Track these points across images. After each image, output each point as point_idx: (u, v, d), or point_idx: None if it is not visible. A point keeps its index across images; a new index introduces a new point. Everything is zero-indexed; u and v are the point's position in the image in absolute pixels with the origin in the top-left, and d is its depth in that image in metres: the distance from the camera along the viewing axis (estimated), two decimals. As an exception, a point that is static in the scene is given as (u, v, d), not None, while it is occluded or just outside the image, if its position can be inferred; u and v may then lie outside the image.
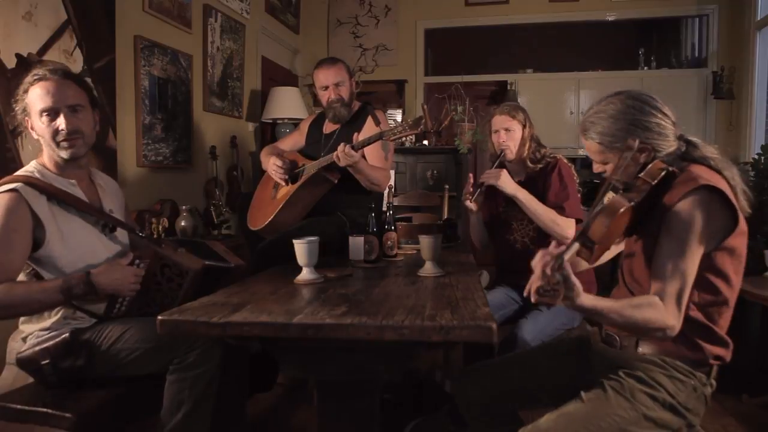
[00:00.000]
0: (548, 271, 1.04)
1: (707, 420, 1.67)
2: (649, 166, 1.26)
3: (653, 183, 1.22)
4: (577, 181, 2.22)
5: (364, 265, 1.90)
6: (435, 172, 4.41)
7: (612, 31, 5.57)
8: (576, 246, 1.12)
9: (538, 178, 2.19)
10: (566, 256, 1.05)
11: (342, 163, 2.12)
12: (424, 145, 4.54)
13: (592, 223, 1.15)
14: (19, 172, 1.57)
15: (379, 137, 2.09)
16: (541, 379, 1.49)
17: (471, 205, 2.16)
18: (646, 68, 5.06)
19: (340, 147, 2.11)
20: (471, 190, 2.13)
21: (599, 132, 1.33)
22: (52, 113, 1.55)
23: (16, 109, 1.59)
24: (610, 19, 5.04)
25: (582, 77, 5.04)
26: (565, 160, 2.22)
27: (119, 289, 1.55)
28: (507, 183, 2.08)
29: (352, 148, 2.10)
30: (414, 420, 2.15)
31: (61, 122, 1.55)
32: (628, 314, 1.15)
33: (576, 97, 5.00)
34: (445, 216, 3.39)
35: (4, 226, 1.43)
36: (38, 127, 1.56)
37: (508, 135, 2.18)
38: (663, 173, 1.24)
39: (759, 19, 4.29)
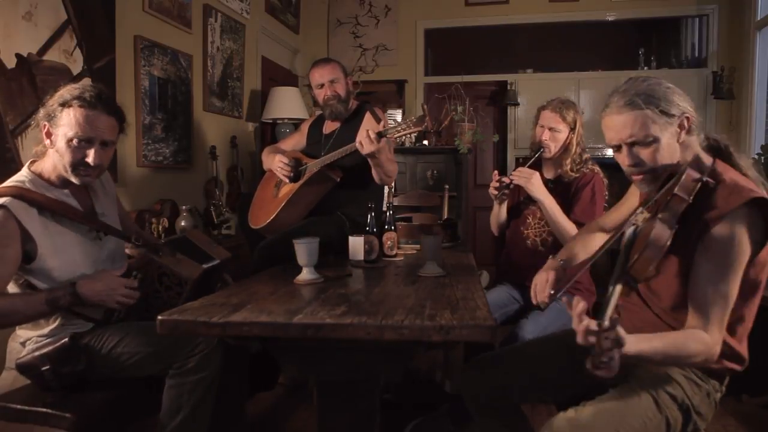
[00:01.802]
0: (598, 334, 0.95)
1: (707, 420, 1.67)
2: (683, 178, 1.14)
3: (689, 199, 1.12)
4: (606, 197, 2.14)
5: (364, 265, 1.90)
6: (435, 172, 4.41)
7: (612, 31, 5.57)
8: (619, 289, 1.05)
9: (571, 184, 2.13)
10: (611, 309, 0.99)
11: (365, 150, 2.05)
12: (424, 145, 4.54)
13: (636, 261, 1.06)
14: (9, 182, 1.54)
15: (384, 134, 2.08)
16: (548, 372, 1.47)
17: (497, 200, 2.17)
18: (646, 68, 5.05)
19: (365, 133, 2.04)
20: (496, 184, 2.11)
21: (646, 94, 1.17)
22: (84, 143, 1.52)
23: (41, 111, 1.54)
24: (610, 19, 5.03)
25: (582, 77, 5.03)
26: (602, 176, 2.14)
27: (105, 300, 1.52)
28: (537, 187, 2.04)
29: (379, 134, 2.03)
30: (414, 420, 2.15)
31: (90, 155, 1.52)
32: (673, 353, 1.11)
33: (576, 97, 4.98)
34: (445, 216, 3.39)
35: None
36: (61, 146, 1.51)
37: (552, 135, 2.12)
38: (698, 185, 1.13)
39: (759, 19, 4.29)
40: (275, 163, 2.38)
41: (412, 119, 2.03)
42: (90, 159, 1.52)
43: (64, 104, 1.51)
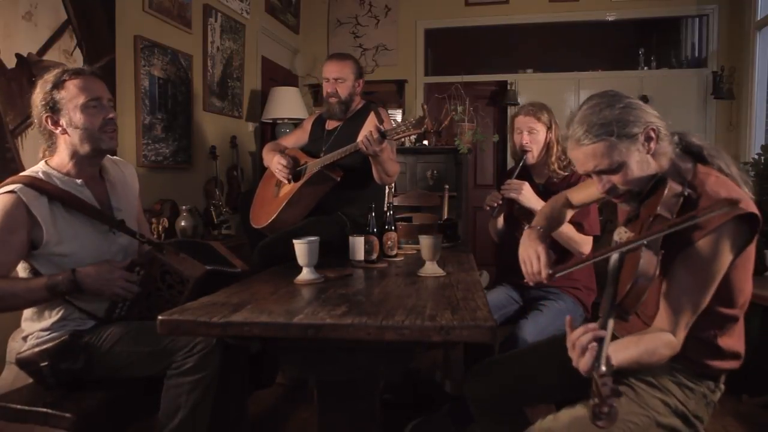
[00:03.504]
0: (596, 377, 0.94)
1: (707, 420, 1.67)
2: (664, 195, 1.13)
3: (673, 217, 1.11)
4: None
5: (364, 265, 1.90)
6: (435, 172, 4.41)
7: (612, 31, 5.57)
8: (611, 324, 1.03)
9: (560, 185, 2.12)
10: (606, 348, 0.98)
11: (370, 150, 2.07)
12: (424, 145, 4.54)
13: (627, 295, 1.05)
14: (23, 173, 1.56)
15: (385, 135, 2.08)
16: (553, 376, 1.46)
17: (495, 216, 2.17)
18: (646, 68, 5.05)
19: (368, 133, 2.06)
20: (495, 205, 2.10)
21: (600, 124, 1.15)
22: (96, 102, 1.57)
23: (38, 106, 1.55)
24: (610, 19, 5.04)
25: (582, 77, 5.04)
26: None
27: (103, 290, 1.52)
28: (529, 197, 2.03)
29: (382, 135, 2.04)
30: (414, 420, 2.15)
31: (109, 111, 1.60)
32: (645, 361, 1.12)
33: (576, 97, 4.99)
34: (445, 216, 3.39)
35: (0, 227, 1.44)
36: (78, 118, 1.54)
37: (531, 137, 2.12)
38: (680, 200, 1.12)
39: (759, 19, 4.29)
40: (273, 164, 2.38)
41: (411, 121, 2.03)
42: (112, 114, 1.60)
43: (57, 85, 1.55)
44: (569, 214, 1.72)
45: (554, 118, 2.16)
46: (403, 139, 4.49)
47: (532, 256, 1.39)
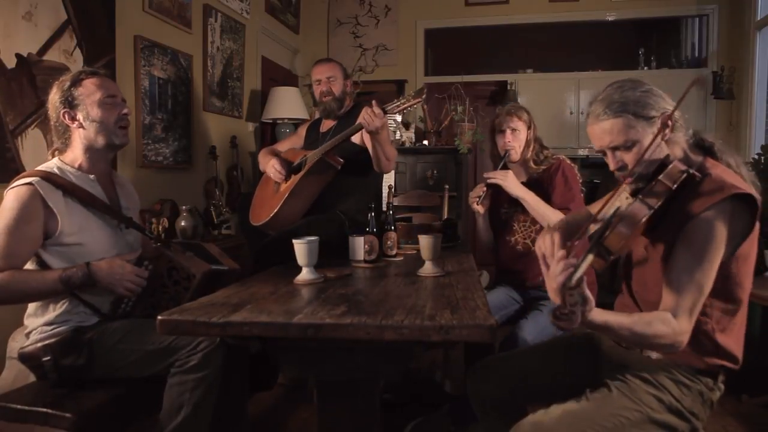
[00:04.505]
0: (565, 290, 0.97)
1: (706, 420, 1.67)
2: (669, 167, 1.17)
3: (673, 187, 1.14)
4: (580, 181, 2.21)
5: (364, 265, 1.90)
6: (435, 172, 4.41)
7: (612, 31, 5.57)
8: (590, 258, 1.04)
9: (542, 179, 2.18)
10: (580, 272, 0.98)
11: (372, 125, 2.10)
12: (424, 145, 4.54)
13: (610, 233, 1.07)
14: (38, 168, 1.60)
15: (386, 109, 2.11)
16: (555, 375, 1.48)
17: (478, 207, 2.17)
18: (646, 68, 5.05)
19: (368, 110, 2.09)
20: (480, 194, 2.13)
21: (620, 102, 1.20)
22: (114, 101, 1.66)
23: (56, 101, 1.62)
24: (610, 19, 5.04)
25: (582, 77, 5.04)
26: (568, 161, 2.21)
27: (115, 284, 1.55)
28: (514, 185, 2.09)
29: (382, 110, 2.09)
30: (414, 420, 2.15)
31: (123, 107, 1.69)
32: (639, 330, 1.10)
33: (576, 97, 4.99)
34: (445, 216, 3.38)
35: (16, 218, 1.47)
36: (95, 113, 1.62)
37: (514, 135, 2.18)
38: (683, 176, 1.16)
39: (759, 19, 4.29)
40: (269, 167, 2.42)
41: (411, 93, 2.08)
42: (126, 110, 1.69)
43: (75, 83, 1.62)
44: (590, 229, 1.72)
45: (532, 118, 2.23)
46: (402, 139, 4.52)
47: (548, 243, 1.31)
